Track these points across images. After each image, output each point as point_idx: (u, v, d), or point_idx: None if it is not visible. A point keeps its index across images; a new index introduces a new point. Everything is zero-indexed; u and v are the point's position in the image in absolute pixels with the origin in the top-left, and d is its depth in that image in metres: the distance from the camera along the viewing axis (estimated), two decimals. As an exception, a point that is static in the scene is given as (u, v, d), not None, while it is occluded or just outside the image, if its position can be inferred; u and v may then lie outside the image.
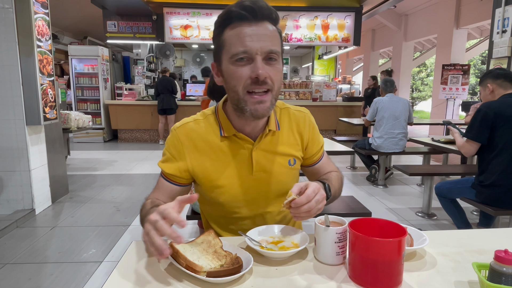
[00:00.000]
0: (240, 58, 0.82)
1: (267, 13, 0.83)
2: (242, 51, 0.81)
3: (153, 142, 7.34)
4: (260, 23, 0.82)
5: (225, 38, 0.84)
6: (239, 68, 0.83)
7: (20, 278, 2.09)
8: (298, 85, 7.45)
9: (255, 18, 0.81)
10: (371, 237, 0.70)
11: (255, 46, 0.81)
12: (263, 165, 0.97)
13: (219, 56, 0.88)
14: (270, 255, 0.82)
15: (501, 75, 2.28)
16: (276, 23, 0.86)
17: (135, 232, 2.79)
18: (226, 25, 0.84)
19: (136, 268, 0.80)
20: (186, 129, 0.96)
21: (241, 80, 0.83)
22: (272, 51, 0.82)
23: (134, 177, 4.50)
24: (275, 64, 0.84)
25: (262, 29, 0.82)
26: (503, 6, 3.72)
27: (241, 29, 0.81)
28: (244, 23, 0.81)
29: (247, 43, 0.81)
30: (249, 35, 0.81)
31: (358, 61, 17.16)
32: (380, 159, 4.15)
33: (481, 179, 2.23)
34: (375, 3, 7.21)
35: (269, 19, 0.84)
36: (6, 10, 2.80)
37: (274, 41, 0.83)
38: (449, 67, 7.21)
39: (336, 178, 1.04)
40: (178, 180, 0.98)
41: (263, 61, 0.82)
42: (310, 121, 1.05)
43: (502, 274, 0.66)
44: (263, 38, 0.81)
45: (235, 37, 0.82)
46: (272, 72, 0.83)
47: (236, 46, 0.82)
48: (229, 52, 0.83)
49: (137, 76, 8.17)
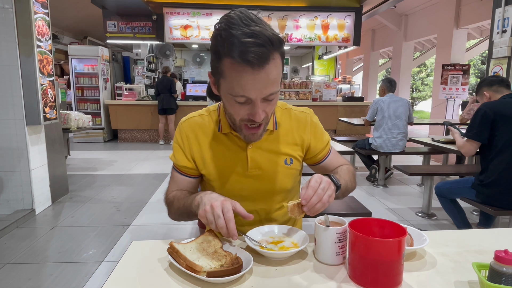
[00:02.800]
0: (239, 100, 0.81)
1: (272, 52, 0.77)
2: (242, 95, 0.80)
3: (153, 142, 7.34)
4: (264, 68, 0.76)
5: (225, 70, 0.80)
6: (238, 105, 0.83)
7: (20, 278, 2.09)
8: (298, 85, 7.45)
9: (258, 65, 0.76)
10: (371, 237, 0.70)
11: (256, 94, 0.79)
12: (258, 162, 0.99)
13: (217, 77, 0.84)
14: (270, 255, 0.82)
15: (495, 82, 2.32)
16: (279, 48, 0.79)
17: (135, 232, 2.79)
18: (226, 55, 0.77)
19: (136, 268, 0.80)
20: (191, 123, 1.02)
21: (239, 114, 0.85)
22: (272, 93, 0.81)
23: (134, 177, 4.50)
24: (274, 98, 0.84)
25: (264, 76, 0.77)
26: (503, 6, 3.72)
27: (242, 74, 0.77)
28: (247, 67, 0.76)
29: (247, 91, 0.78)
30: (251, 83, 0.77)
31: (358, 61, 17.15)
32: (380, 159, 4.15)
33: (482, 178, 2.23)
34: (375, 3, 7.21)
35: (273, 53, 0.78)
36: (6, 10, 2.80)
37: (275, 80, 0.80)
38: (449, 67, 7.21)
39: (346, 171, 1.03)
40: (188, 171, 1.03)
41: (262, 100, 0.81)
42: (311, 121, 1.05)
43: (502, 274, 0.66)
44: (265, 85, 0.79)
45: (236, 79, 0.78)
46: (268, 107, 0.84)
47: (236, 89, 0.79)
48: (228, 87, 0.81)
49: (137, 76, 8.18)
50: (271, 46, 0.76)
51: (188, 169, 1.02)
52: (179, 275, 0.76)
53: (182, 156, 1.01)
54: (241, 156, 0.99)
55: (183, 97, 7.42)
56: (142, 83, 7.99)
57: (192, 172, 1.03)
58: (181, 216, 0.99)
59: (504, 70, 3.77)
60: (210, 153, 1.00)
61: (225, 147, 0.99)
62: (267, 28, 0.78)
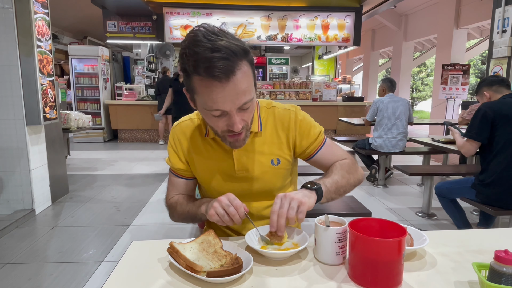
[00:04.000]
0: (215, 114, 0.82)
1: (237, 64, 0.78)
2: (215, 109, 0.81)
3: (153, 142, 7.34)
4: (232, 79, 0.77)
5: (196, 87, 0.81)
6: (215, 118, 0.84)
7: (20, 278, 2.09)
8: (298, 85, 7.45)
9: (225, 78, 0.76)
10: (371, 237, 0.70)
11: (229, 106, 0.80)
12: (245, 164, 1.01)
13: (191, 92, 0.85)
14: (270, 255, 0.82)
15: (495, 82, 2.32)
16: (246, 57, 0.80)
17: (135, 232, 2.79)
18: (193, 73, 0.78)
19: (136, 268, 0.80)
20: (182, 126, 1.05)
21: (218, 127, 0.87)
22: (245, 103, 0.82)
23: (134, 177, 4.50)
24: (249, 107, 0.85)
25: (233, 87, 0.78)
26: (503, 6, 3.72)
27: (212, 88, 0.78)
28: (215, 81, 0.77)
29: (220, 104, 0.79)
30: (221, 95, 0.78)
31: (358, 61, 17.16)
32: (380, 159, 4.15)
33: (482, 178, 2.23)
34: (375, 3, 7.20)
35: (239, 64, 0.78)
36: (6, 10, 2.80)
37: (247, 89, 0.81)
38: (449, 67, 7.21)
39: (339, 167, 1.00)
40: (184, 173, 1.07)
41: (237, 111, 0.83)
42: (296, 117, 1.03)
43: (502, 274, 0.66)
44: (236, 96, 0.79)
45: (207, 94, 0.79)
46: (246, 115, 0.86)
47: (209, 103, 0.80)
48: (202, 103, 0.82)
49: (137, 76, 8.17)
50: (235, 57, 0.77)
51: (183, 171, 1.06)
52: (179, 275, 0.76)
53: (176, 159, 1.05)
54: (227, 159, 1.01)
55: (183, 97, 7.42)
56: (142, 83, 7.99)
57: (188, 174, 1.07)
58: (185, 220, 1.04)
59: (504, 70, 3.77)
60: (199, 156, 1.03)
61: (213, 150, 1.02)
62: (231, 39, 0.78)
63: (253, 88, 0.85)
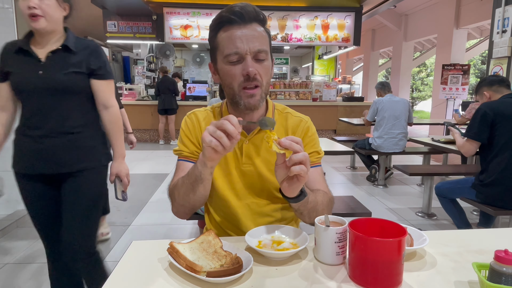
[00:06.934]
0: (232, 58, 0.91)
1: (254, 15, 0.91)
2: (234, 52, 0.90)
3: (153, 142, 7.34)
4: (249, 25, 0.91)
5: (219, 41, 0.93)
6: (232, 67, 0.92)
7: (20, 278, 2.09)
8: (298, 85, 7.45)
9: (243, 21, 0.90)
10: (371, 237, 0.70)
11: (245, 47, 0.89)
12: (253, 158, 1.02)
13: (214, 56, 0.98)
14: (270, 255, 0.82)
15: (496, 81, 2.32)
16: (264, 24, 0.94)
17: (135, 232, 2.79)
18: (219, 29, 0.93)
19: (136, 268, 0.80)
20: (196, 114, 1.08)
21: (235, 78, 0.92)
22: (260, 51, 0.91)
23: (134, 177, 4.47)
24: (264, 62, 0.93)
25: (251, 31, 0.90)
26: (503, 6, 3.73)
27: (232, 32, 0.90)
28: (235, 26, 0.90)
29: (237, 44, 0.89)
30: (239, 37, 0.89)
31: (358, 61, 17.15)
32: (380, 159, 4.15)
33: (482, 178, 2.23)
34: (375, 3, 7.21)
35: (257, 20, 0.92)
36: (6, 10, 2.80)
37: (262, 41, 0.92)
38: (449, 67, 7.21)
39: (323, 196, 0.99)
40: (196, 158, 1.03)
41: (253, 60, 0.91)
42: (308, 128, 1.06)
43: (502, 274, 0.66)
44: (251, 39, 0.90)
45: (227, 39, 0.91)
46: (261, 70, 0.92)
47: (228, 47, 0.91)
48: (223, 53, 0.92)
49: (137, 76, 8.18)
50: (254, 12, 0.91)
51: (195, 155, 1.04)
52: (179, 275, 0.76)
53: (189, 143, 1.05)
54: (236, 150, 1.03)
55: (183, 97, 7.42)
56: (142, 83, 8.00)
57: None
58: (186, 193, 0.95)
59: (504, 70, 3.77)
60: None
61: None
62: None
63: (269, 52, 0.94)
